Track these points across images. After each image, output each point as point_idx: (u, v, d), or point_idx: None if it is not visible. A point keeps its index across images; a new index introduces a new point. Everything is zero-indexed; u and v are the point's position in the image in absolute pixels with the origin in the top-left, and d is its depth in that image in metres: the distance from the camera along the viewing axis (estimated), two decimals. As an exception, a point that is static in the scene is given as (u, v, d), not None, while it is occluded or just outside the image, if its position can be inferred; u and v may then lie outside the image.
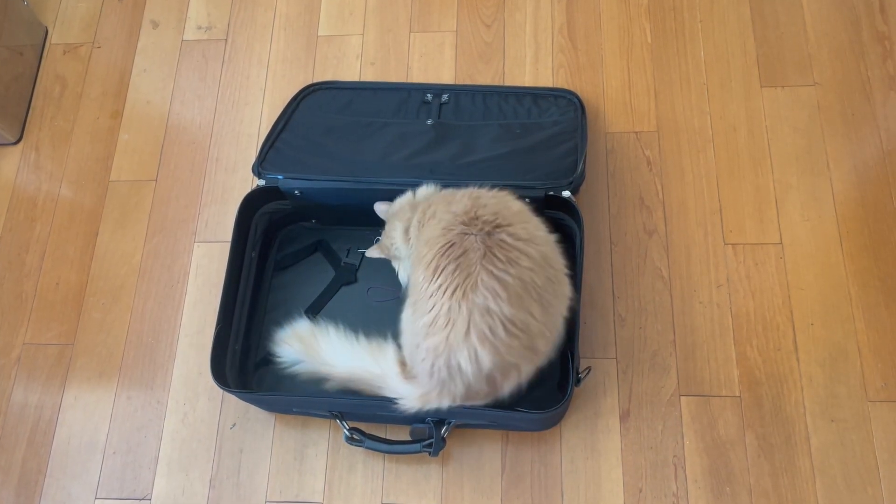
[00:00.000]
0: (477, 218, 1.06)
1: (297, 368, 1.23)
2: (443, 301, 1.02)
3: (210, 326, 1.25)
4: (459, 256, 1.03)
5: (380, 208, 1.28)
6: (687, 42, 1.53)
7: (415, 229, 1.18)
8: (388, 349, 1.16)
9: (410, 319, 1.09)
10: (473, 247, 1.03)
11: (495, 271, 1.01)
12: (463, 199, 1.10)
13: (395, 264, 1.27)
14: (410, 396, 1.10)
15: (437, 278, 1.03)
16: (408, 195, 1.24)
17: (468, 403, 1.09)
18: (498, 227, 1.05)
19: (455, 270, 1.02)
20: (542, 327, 1.06)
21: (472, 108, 1.44)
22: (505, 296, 1.01)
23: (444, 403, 1.08)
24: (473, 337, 1.01)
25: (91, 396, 1.36)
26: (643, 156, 1.44)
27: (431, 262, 1.04)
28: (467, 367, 1.03)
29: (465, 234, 1.05)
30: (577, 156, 1.33)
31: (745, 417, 1.24)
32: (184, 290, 1.42)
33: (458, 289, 1.01)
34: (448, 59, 1.57)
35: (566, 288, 1.11)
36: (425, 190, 1.24)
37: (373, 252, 1.28)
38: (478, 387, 1.06)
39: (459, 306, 1.01)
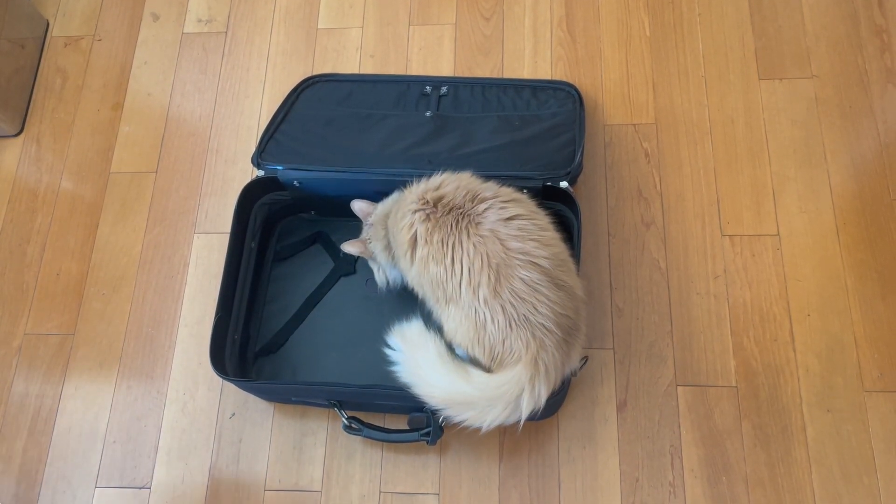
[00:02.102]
0: (440, 198, 1.09)
1: (393, 369, 1.12)
2: (476, 270, 1.04)
3: (209, 317, 1.26)
4: (449, 234, 1.06)
5: (360, 208, 1.26)
6: (685, 35, 1.53)
7: (393, 241, 1.17)
8: (469, 367, 1.08)
9: (462, 317, 1.06)
10: (454, 219, 1.07)
11: (486, 228, 1.04)
12: (412, 193, 1.14)
13: (372, 265, 1.27)
14: (517, 376, 1.03)
15: (454, 267, 1.05)
16: (380, 206, 1.23)
17: (563, 357, 1.05)
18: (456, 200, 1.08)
19: (458, 246, 1.05)
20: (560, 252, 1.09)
21: (470, 101, 1.45)
22: (517, 234, 1.05)
23: (547, 349, 1.03)
24: (518, 270, 1.03)
25: (91, 386, 1.37)
26: (641, 148, 1.44)
27: (436, 263, 1.06)
28: (534, 276, 1.03)
29: (435, 214, 1.08)
30: (576, 147, 1.33)
31: (741, 407, 1.24)
32: (184, 280, 1.43)
33: (479, 256, 1.04)
34: (447, 52, 1.57)
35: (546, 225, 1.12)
36: (383, 206, 1.23)
37: (351, 248, 1.25)
38: (562, 307, 1.04)
39: (493, 267, 1.03)
